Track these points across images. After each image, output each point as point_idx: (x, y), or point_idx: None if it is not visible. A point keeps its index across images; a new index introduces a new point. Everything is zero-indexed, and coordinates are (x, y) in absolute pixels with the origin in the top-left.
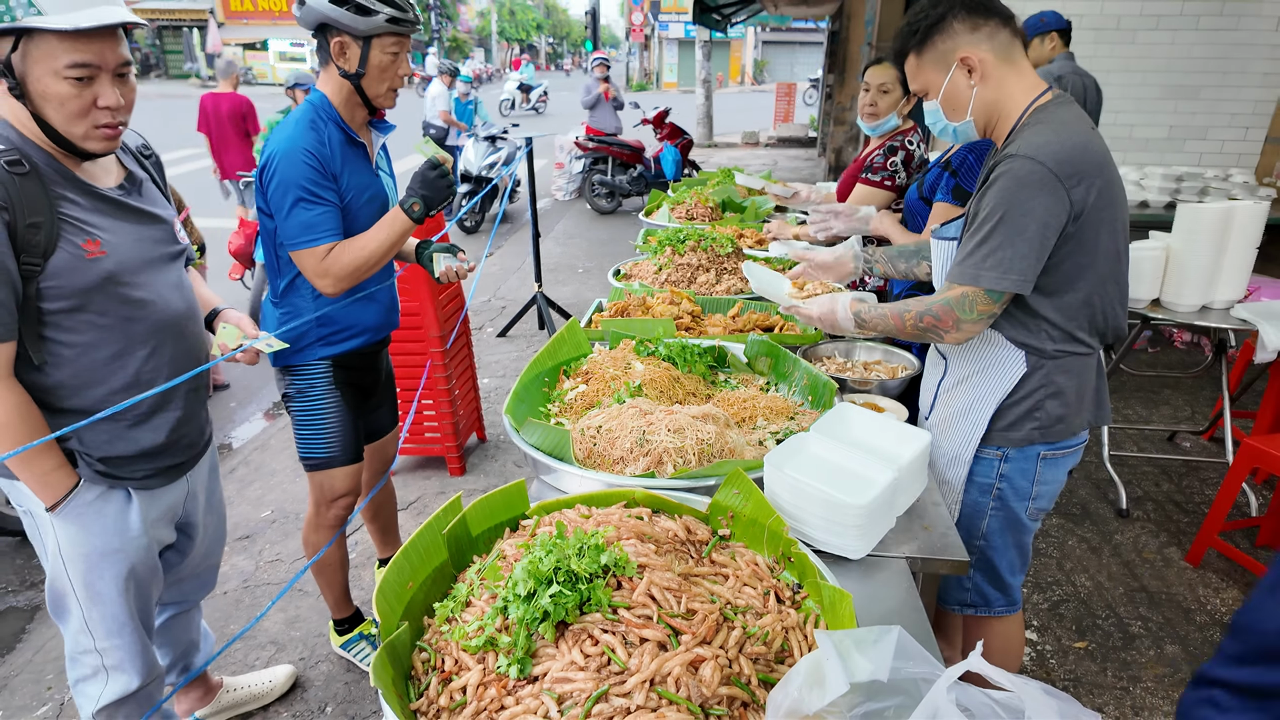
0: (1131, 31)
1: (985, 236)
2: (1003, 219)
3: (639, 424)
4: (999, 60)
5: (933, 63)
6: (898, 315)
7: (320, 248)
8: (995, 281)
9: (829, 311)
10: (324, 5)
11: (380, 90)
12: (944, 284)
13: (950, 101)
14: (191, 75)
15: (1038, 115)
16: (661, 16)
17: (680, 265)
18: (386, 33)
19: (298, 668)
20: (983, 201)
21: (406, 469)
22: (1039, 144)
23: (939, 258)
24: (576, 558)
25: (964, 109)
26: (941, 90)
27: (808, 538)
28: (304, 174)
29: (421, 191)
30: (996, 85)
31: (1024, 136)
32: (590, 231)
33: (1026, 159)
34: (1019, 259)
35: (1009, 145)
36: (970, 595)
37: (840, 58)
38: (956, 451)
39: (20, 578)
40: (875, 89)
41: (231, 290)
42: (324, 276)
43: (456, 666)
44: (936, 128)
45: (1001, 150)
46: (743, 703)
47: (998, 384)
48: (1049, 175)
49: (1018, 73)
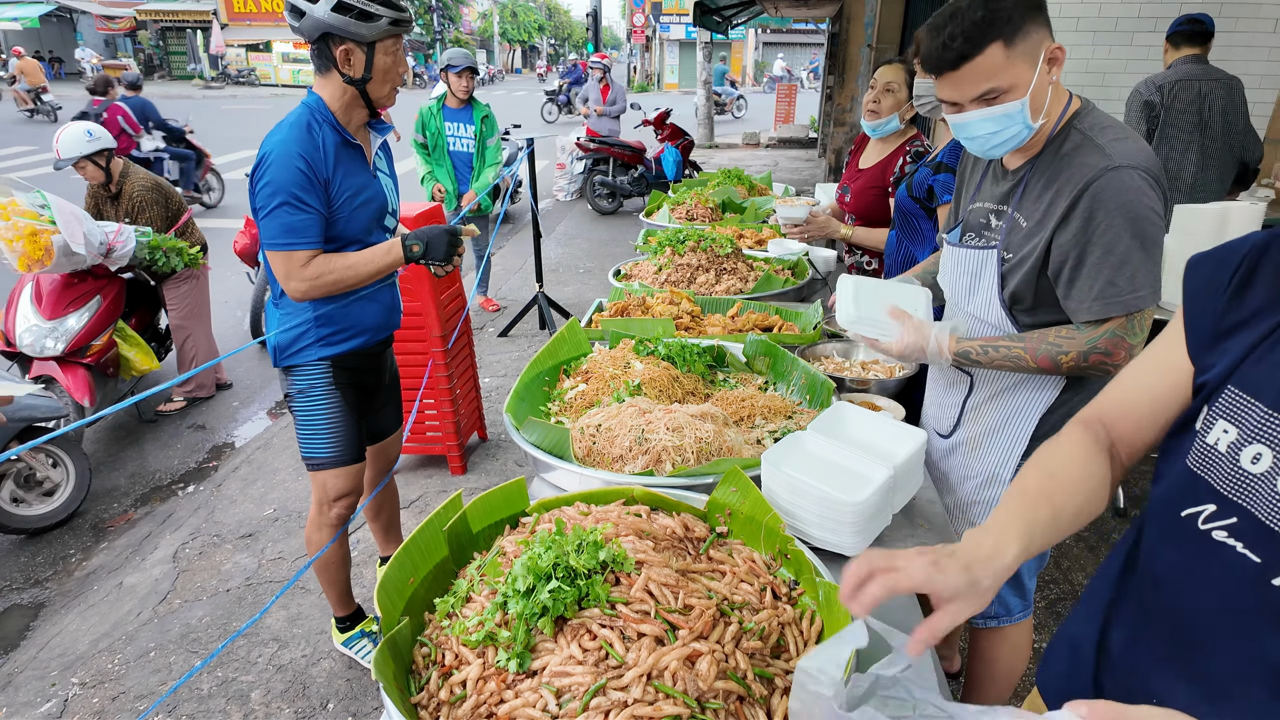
0: (1129, 34)
1: (1126, 256)
2: (1137, 234)
3: (638, 423)
4: None
5: (1024, 52)
6: (1045, 357)
7: (299, 253)
8: (1152, 298)
9: (914, 345)
10: (326, 15)
11: (384, 91)
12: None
13: (1037, 99)
14: (195, 76)
15: (1089, 123)
16: (662, 18)
17: (680, 265)
18: (389, 36)
19: (299, 665)
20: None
21: (408, 467)
22: (1130, 152)
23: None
24: (575, 554)
25: (1043, 107)
26: (1031, 86)
27: (804, 535)
28: (293, 179)
29: (428, 241)
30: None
31: (1107, 147)
32: (591, 232)
33: (1131, 169)
34: (1157, 268)
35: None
36: (993, 606)
37: (840, 59)
38: (992, 471)
39: (24, 575)
40: (881, 87)
41: (232, 291)
42: (299, 281)
43: (457, 661)
44: (998, 137)
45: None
46: (739, 696)
47: (1037, 396)
48: (1154, 182)
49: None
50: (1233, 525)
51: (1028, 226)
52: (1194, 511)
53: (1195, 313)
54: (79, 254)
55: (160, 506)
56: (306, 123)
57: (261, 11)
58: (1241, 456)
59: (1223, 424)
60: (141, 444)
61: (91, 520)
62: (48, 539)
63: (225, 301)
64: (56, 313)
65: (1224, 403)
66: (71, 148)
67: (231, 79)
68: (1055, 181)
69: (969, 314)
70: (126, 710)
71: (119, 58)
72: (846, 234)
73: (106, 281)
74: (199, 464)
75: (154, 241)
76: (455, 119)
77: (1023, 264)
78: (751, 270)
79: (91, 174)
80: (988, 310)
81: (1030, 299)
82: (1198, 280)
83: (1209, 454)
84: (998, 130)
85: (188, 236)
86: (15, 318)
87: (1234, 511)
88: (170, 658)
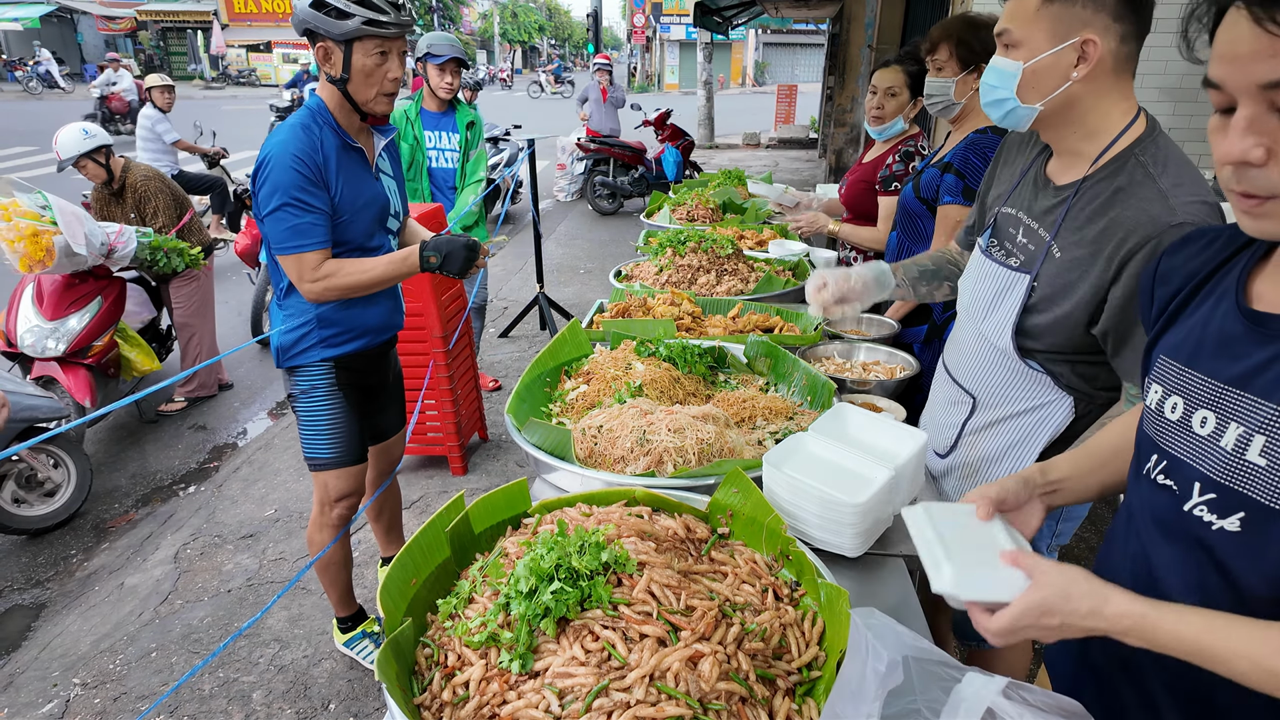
0: None
1: None
2: None
3: (639, 424)
4: (1114, 66)
5: (1055, 19)
6: None
7: (309, 255)
8: None
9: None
10: (305, 10)
11: (368, 95)
12: None
13: (1037, 77)
14: (195, 77)
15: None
16: (663, 19)
17: (681, 266)
18: (367, 35)
19: (301, 665)
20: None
21: (410, 468)
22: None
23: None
24: (577, 555)
25: (1045, 94)
26: (1038, 58)
27: (805, 535)
28: (293, 180)
29: (446, 252)
30: (1097, 93)
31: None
32: (592, 232)
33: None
34: None
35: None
36: None
37: (840, 60)
38: None
39: (25, 575)
40: (883, 92)
41: (233, 292)
42: (312, 283)
43: (459, 662)
44: (992, 94)
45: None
46: (740, 698)
47: (1042, 428)
48: None
49: (1122, 91)
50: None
51: (1063, 260)
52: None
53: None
54: (80, 254)
55: (161, 507)
56: (306, 124)
57: (262, 12)
58: (1165, 408)
59: (1155, 386)
60: (143, 444)
61: (93, 521)
62: (49, 539)
63: (226, 302)
64: (58, 313)
65: (1156, 369)
66: (70, 147)
67: (232, 79)
68: (1103, 219)
69: (979, 332)
70: (128, 710)
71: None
72: (834, 229)
73: (108, 282)
74: (200, 464)
75: (155, 242)
76: (436, 126)
77: (1053, 303)
78: (752, 271)
79: (93, 172)
80: (1000, 335)
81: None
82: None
83: (1148, 415)
84: (993, 86)
85: (193, 234)
86: (16, 318)
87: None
88: (172, 658)
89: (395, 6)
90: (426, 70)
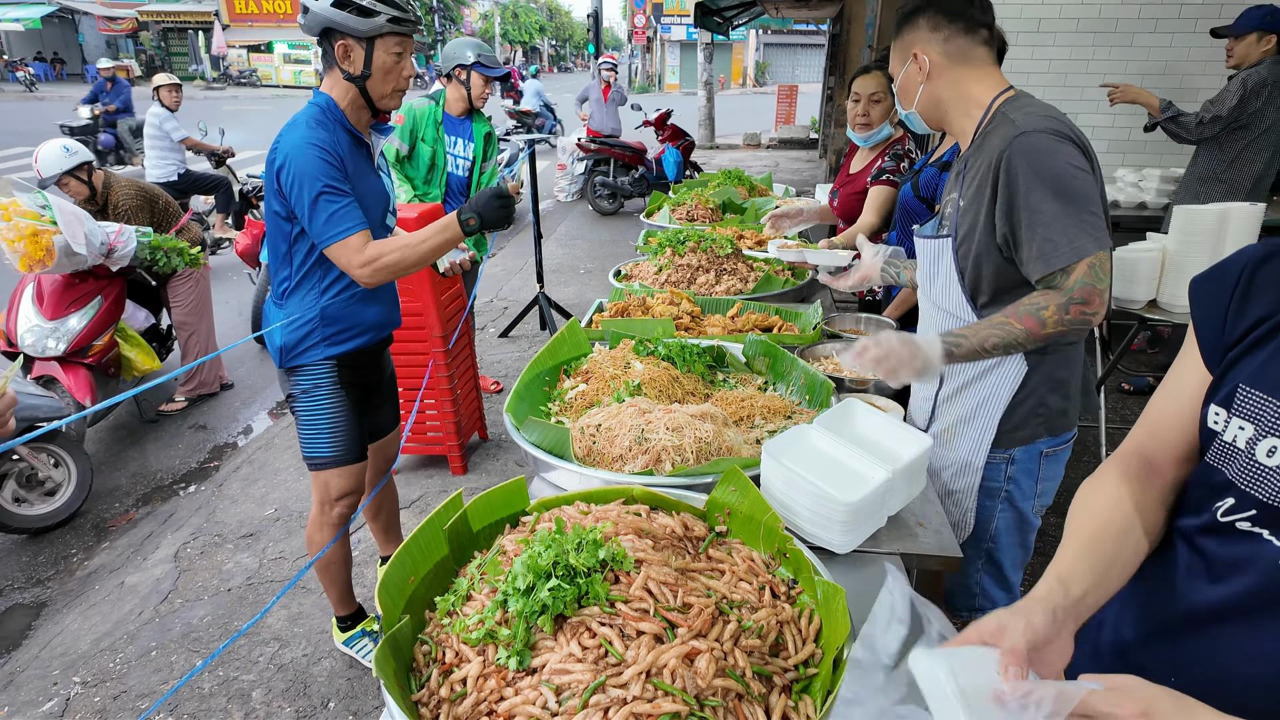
0: (1130, 34)
1: (1053, 215)
2: (1057, 192)
3: (638, 422)
4: (952, 64)
5: (899, 51)
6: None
7: (353, 238)
8: (1095, 244)
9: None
10: (327, 9)
11: (385, 91)
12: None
13: (902, 89)
14: (196, 77)
15: (1011, 105)
16: (663, 19)
17: (680, 266)
18: (389, 33)
19: (301, 664)
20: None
21: (409, 468)
22: (1039, 117)
23: (925, 257)
24: (575, 553)
25: (911, 99)
26: (899, 78)
27: (797, 528)
28: (322, 169)
29: (482, 210)
30: (950, 85)
31: (1017, 119)
32: (592, 233)
33: (1036, 133)
34: (1098, 214)
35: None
36: (978, 599)
37: (841, 60)
38: (966, 459)
39: (26, 574)
40: (866, 99)
41: (233, 291)
42: (363, 267)
43: (457, 659)
44: (902, 112)
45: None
46: (737, 694)
47: (1001, 385)
48: (1062, 137)
49: (979, 75)
50: (1254, 516)
51: (965, 206)
52: (1216, 505)
53: (1204, 327)
54: (80, 254)
55: (162, 506)
56: (319, 120)
57: (263, 13)
58: (1257, 451)
59: (1238, 421)
60: (143, 444)
61: (93, 520)
62: (49, 538)
63: (227, 302)
64: (58, 313)
65: (1239, 401)
66: (51, 165)
67: (233, 80)
68: (979, 161)
69: (932, 302)
70: (128, 709)
71: (120, 59)
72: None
73: (108, 282)
74: (200, 464)
75: (155, 241)
76: (454, 132)
77: (967, 242)
78: (751, 271)
79: (75, 189)
80: (947, 297)
81: (986, 287)
82: (1202, 298)
83: (1227, 450)
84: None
85: (184, 235)
86: (16, 318)
87: (1252, 504)
88: (171, 657)
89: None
90: (470, 78)
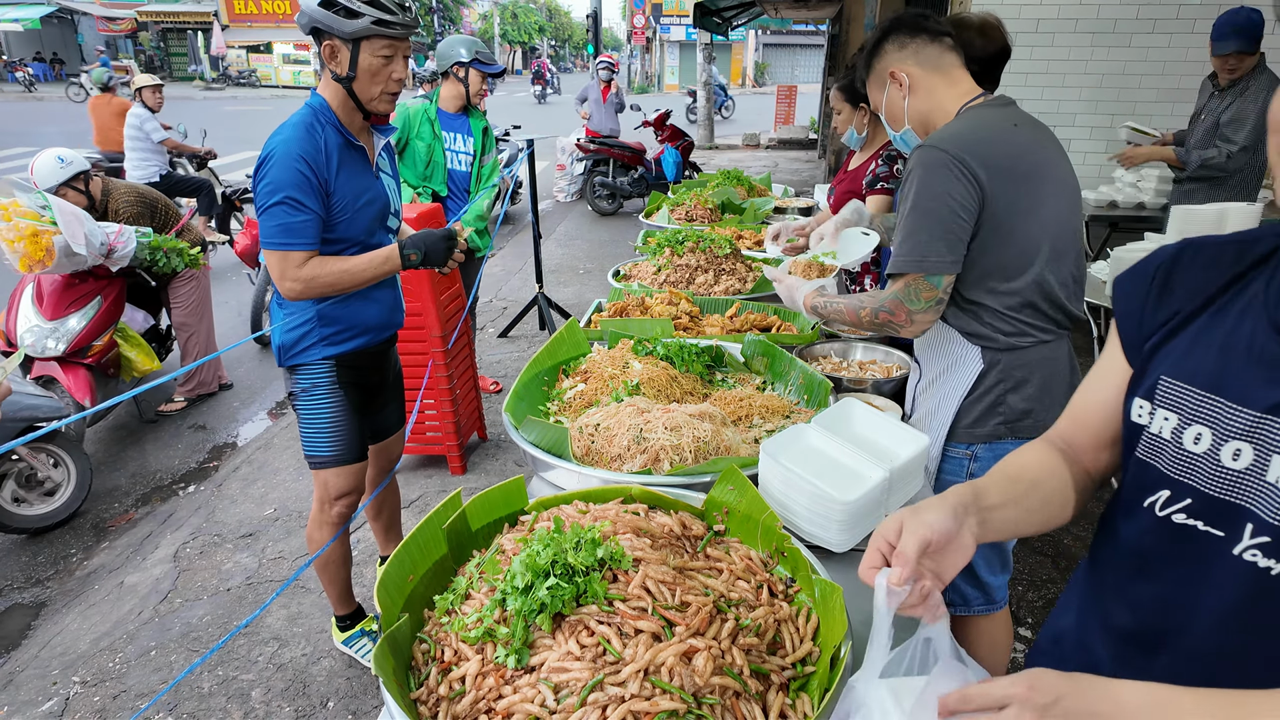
0: (1128, 35)
1: (904, 224)
2: (915, 205)
3: (636, 422)
4: (927, 72)
5: (874, 83)
6: (853, 311)
7: (294, 253)
8: (919, 265)
9: (787, 299)
10: (313, 8)
11: (372, 94)
12: (890, 270)
13: (889, 113)
14: (196, 77)
15: (962, 114)
16: (663, 19)
17: (679, 266)
18: (374, 35)
19: (300, 663)
20: (901, 193)
21: (408, 467)
22: (946, 135)
23: None
24: (573, 551)
25: (900, 119)
26: (883, 105)
27: (794, 527)
28: (293, 179)
29: (425, 249)
30: (926, 95)
31: (936, 133)
32: (591, 233)
33: (931, 148)
34: (935, 240)
35: None
36: (947, 593)
37: (840, 61)
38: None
39: (25, 574)
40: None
41: (233, 292)
42: (295, 281)
43: (456, 657)
44: (896, 141)
45: None
46: (735, 692)
47: (959, 382)
48: (952, 160)
49: (949, 81)
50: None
51: None
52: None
53: (1125, 322)
54: (80, 254)
55: (161, 506)
56: (310, 123)
57: (262, 13)
58: (1184, 439)
59: (1163, 412)
60: (142, 444)
61: (92, 520)
62: (49, 538)
63: (226, 302)
64: (57, 313)
65: (1161, 393)
66: (46, 178)
67: (232, 80)
68: None
69: None
70: (127, 709)
71: (120, 59)
72: None
73: (107, 282)
74: (200, 464)
75: (155, 242)
76: (453, 128)
77: None
78: (750, 271)
79: (73, 199)
80: None
81: None
82: (1122, 293)
83: (1155, 442)
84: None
85: (184, 236)
86: (16, 318)
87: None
88: (171, 656)
89: (402, 8)
90: (468, 75)
